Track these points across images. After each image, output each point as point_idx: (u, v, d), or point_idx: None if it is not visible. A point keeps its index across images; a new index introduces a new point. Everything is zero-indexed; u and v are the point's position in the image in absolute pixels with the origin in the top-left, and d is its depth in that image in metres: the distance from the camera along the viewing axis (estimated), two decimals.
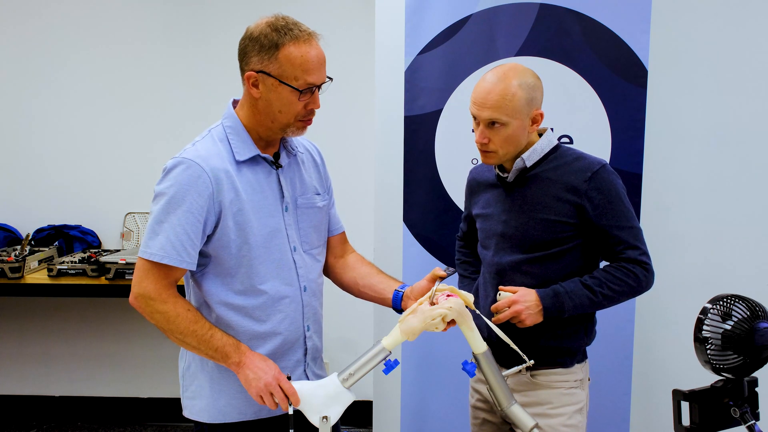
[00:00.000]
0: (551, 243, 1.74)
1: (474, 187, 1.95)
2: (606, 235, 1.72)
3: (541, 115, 1.76)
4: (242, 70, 1.58)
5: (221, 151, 1.59)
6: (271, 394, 1.52)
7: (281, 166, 1.67)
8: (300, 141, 1.78)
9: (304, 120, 1.60)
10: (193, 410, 1.67)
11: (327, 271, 1.85)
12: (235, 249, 1.58)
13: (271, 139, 1.65)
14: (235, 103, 1.67)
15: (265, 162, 1.64)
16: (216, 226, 1.56)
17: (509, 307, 1.69)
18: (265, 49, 1.53)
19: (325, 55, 1.58)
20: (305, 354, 1.71)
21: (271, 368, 1.54)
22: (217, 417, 1.64)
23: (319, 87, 1.58)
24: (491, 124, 1.71)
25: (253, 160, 1.62)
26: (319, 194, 1.76)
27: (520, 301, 1.68)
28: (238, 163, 1.60)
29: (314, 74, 1.54)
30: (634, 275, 1.70)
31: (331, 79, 1.59)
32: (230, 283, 1.60)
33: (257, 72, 1.54)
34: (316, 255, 1.75)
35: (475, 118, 1.75)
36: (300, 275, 1.67)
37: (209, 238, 1.57)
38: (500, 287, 1.75)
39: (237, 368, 1.55)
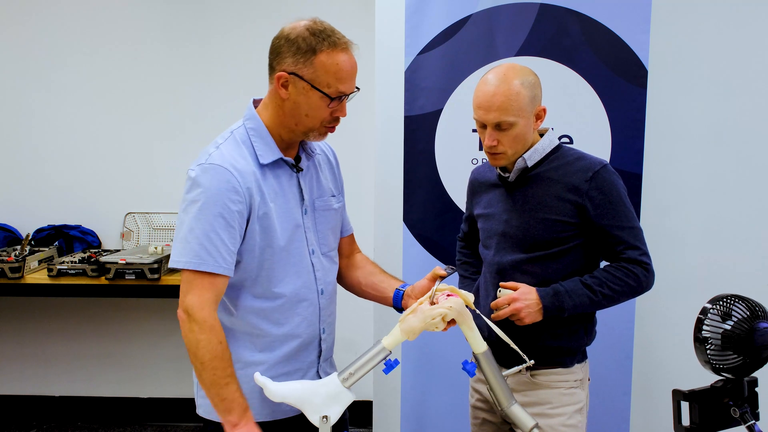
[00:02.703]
0: (552, 242, 1.74)
1: (476, 187, 1.95)
2: (606, 235, 1.72)
3: (544, 110, 1.76)
4: (272, 69, 1.56)
5: (245, 154, 1.57)
6: None
7: (302, 170, 1.66)
8: (316, 143, 1.76)
9: (328, 126, 1.59)
10: (207, 409, 1.64)
11: None
12: (258, 252, 1.56)
13: (292, 141, 1.63)
14: (255, 103, 1.64)
15: (286, 165, 1.63)
16: (245, 230, 1.54)
17: (509, 305, 1.69)
18: (302, 52, 1.51)
19: (357, 65, 1.57)
20: (319, 356, 1.69)
21: None
22: None
23: (348, 96, 1.57)
24: (498, 126, 1.70)
25: (275, 164, 1.60)
26: (334, 196, 1.75)
27: (520, 299, 1.68)
28: (262, 166, 1.58)
29: (346, 83, 1.54)
30: (635, 275, 1.70)
31: (358, 89, 1.59)
32: (251, 287, 1.58)
33: (289, 73, 1.53)
34: (333, 257, 1.74)
35: (480, 122, 1.74)
36: (318, 278, 1.66)
37: None
38: (501, 284, 1.75)
39: (231, 429, 1.49)
